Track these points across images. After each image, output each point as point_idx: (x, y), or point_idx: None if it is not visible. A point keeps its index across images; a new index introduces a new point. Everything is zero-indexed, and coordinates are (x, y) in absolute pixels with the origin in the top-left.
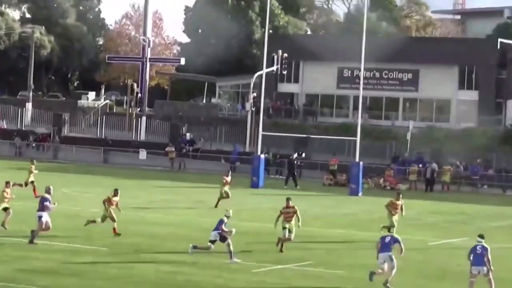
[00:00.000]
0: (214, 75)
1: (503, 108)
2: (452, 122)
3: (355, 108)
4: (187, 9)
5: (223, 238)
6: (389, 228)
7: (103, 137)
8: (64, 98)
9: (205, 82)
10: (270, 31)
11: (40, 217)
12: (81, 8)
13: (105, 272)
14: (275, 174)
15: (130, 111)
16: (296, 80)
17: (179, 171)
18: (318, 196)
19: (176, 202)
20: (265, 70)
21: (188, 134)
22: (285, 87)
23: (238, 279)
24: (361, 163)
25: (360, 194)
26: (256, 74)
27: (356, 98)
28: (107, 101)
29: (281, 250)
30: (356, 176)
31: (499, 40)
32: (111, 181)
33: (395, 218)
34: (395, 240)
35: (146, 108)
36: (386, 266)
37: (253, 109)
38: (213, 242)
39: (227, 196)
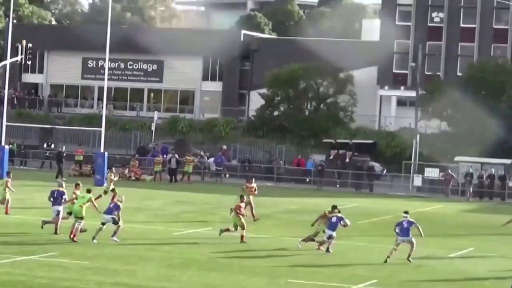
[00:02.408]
0: None
1: (246, 99)
2: (196, 112)
3: (100, 98)
4: None
5: (115, 221)
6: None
7: None
8: None
9: None
10: (14, 20)
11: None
12: None
13: None
14: (19, 164)
15: None
16: (41, 71)
17: None
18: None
19: None
20: (9, 60)
21: None
22: (29, 78)
23: None
24: (106, 153)
25: (105, 184)
26: (0, 64)
27: (101, 89)
28: None
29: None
30: (101, 167)
31: (243, 32)
32: None
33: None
34: (340, 219)
35: None
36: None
37: None
38: (104, 224)
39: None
